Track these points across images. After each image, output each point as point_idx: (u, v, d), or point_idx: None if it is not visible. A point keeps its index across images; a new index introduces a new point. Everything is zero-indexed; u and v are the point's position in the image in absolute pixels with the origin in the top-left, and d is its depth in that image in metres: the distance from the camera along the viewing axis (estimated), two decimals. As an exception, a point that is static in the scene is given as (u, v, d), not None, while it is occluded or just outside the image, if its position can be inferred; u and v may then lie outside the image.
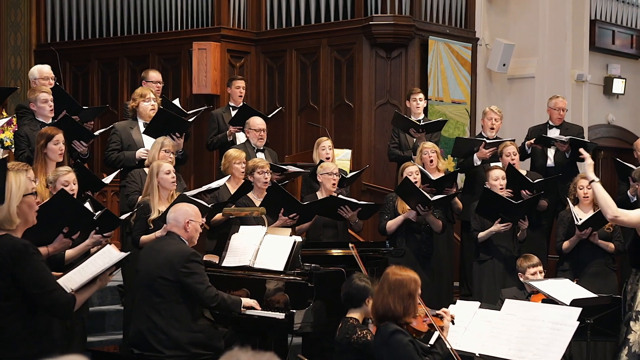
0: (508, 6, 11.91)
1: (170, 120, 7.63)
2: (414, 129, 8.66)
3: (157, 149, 7.11)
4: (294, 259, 6.25)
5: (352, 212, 7.48)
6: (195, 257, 5.73)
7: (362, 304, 5.42)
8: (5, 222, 3.98)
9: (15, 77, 12.20)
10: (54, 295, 4.03)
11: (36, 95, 7.35)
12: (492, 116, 8.74)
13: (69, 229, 5.29)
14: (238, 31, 11.19)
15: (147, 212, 6.57)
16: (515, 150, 8.21)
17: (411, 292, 4.91)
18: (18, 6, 12.43)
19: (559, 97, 9.17)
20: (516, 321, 5.33)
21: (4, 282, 3.94)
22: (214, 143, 8.94)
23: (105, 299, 8.07)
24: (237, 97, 9.16)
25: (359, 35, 10.58)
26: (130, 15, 11.79)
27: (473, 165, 8.53)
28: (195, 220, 5.86)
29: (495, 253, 7.66)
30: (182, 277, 5.63)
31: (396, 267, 5.11)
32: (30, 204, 4.11)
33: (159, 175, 6.66)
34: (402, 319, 4.90)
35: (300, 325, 6.01)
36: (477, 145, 8.49)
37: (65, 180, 5.97)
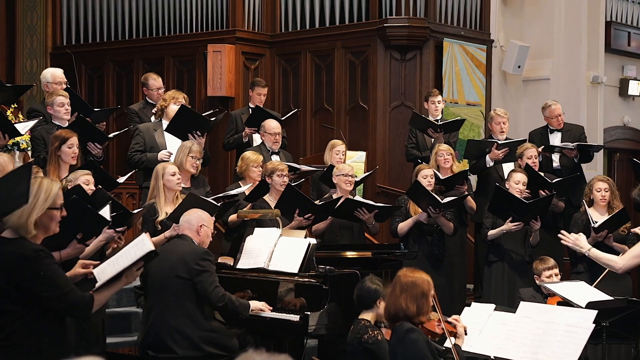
0: (523, 8, 11.88)
1: (192, 118, 7.65)
2: (431, 129, 8.65)
3: (185, 153, 7.12)
4: (308, 261, 6.25)
5: (368, 214, 7.48)
6: (208, 255, 5.78)
7: (374, 305, 5.44)
8: (20, 229, 3.96)
9: (31, 79, 12.25)
10: (69, 297, 4.03)
11: (53, 99, 7.39)
12: (499, 120, 8.71)
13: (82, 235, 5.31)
14: (253, 33, 11.21)
15: (154, 213, 6.61)
16: (536, 153, 8.18)
17: (424, 292, 4.92)
18: (34, 9, 12.49)
19: (552, 105, 9.05)
20: (531, 324, 5.31)
21: (16, 288, 3.94)
22: (230, 143, 8.99)
23: (121, 300, 8.08)
24: (257, 102, 9.16)
25: (373, 37, 10.57)
26: (146, 18, 11.82)
27: (485, 166, 8.52)
28: (207, 226, 5.91)
29: (505, 255, 7.64)
30: (195, 274, 5.66)
31: (407, 269, 5.11)
32: (52, 217, 4.08)
33: (164, 177, 6.69)
34: (416, 318, 4.90)
35: (314, 327, 6.01)
36: (489, 146, 8.47)
37: (86, 179, 5.99)
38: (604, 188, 7.43)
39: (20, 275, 3.92)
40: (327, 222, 7.59)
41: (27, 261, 3.92)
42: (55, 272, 4.01)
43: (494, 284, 7.62)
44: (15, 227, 3.95)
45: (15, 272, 3.92)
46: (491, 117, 8.86)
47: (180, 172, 7.00)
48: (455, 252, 8.06)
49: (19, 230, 3.96)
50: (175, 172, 6.72)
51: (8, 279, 3.94)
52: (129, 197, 9.86)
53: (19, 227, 3.95)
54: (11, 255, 3.93)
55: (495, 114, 8.81)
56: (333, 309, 6.08)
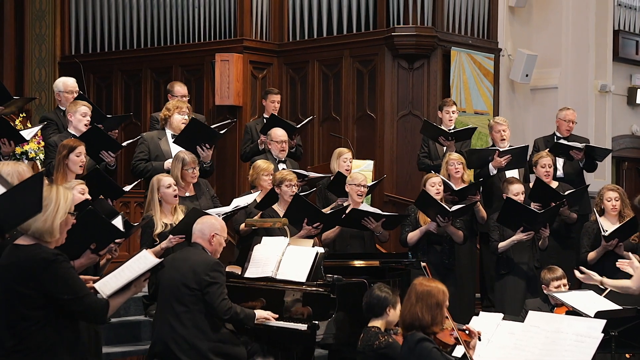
0: (531, 17, 11.88)
1: (200, 131, 7.67)
2: (443, 137, 8.63)
3: (178, 168, 7.12)
4: (316, 270, 6.25)
5: (376, 223, 7.47)
6: (219, 267, 5.77)
7: (383, 313, 5.43)
8: (46, 233, 4.01)
9: (40, 88, 12.30)
10: (86, 301, 4.07)
11: (77, 108, 7.39)
12: (499, 128, 8.66)
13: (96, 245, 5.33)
14: (260, 42, 11.23)
15: (152, 226, 6.61)
16: (550, 162, 8.15)
17: (439, 302, 4.91)
18: (43, 19, 12.53)
19: (570, 109, 9.11)
20: (540, 333, 5.29)
21: (33, 292, 3.98)
22: (246, 153, 9.04)
23: (129, 309, 8.08)
24: (272, 110, 9.19)
25: (381, 46, 10.58)
26: (154, 27, 11.86)
27: (489, 175, 8.48)
28: (220, 235, 5.89)
29: (514, 267, 7.63)
30: (204, 286, 5.65)
31: (423, 278, 5.11)
32: (68, 223, 4.16)
33: (160, 190, 6.70)
34: (430, 328, 4.89)
35: (322, 336, 6.00)
36: (491, 154, 8.44)
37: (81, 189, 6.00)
38: (614, 197, 7.42)
39: (40, 278, 3.97)
40: (336, 231, 7.59)
41: (47, 263, 3.97)
42: (73, 276, 4.07)
43: (507, 297, 7.59)
44: (40, 231, 4.00)
45: (36, 276, 3.97)
46: (490, 126, 8.81)
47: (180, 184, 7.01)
48: (465, 261, 8.04)
49: (44, 235, 4.01)
50: (170, 184, 6.73)
51: (28, 283, 3.98)
52: (137, 205, 9.87)
53: (44, 231, 4.00)
54: (31, 259, 3.98)
55: (494, 123, 8.78)
56: (341, 318, 6.07)
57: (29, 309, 3.99)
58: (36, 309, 4.00)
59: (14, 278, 4.00)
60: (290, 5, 11.21)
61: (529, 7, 11.75)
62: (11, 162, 5.73)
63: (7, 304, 4.02)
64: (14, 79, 12.23)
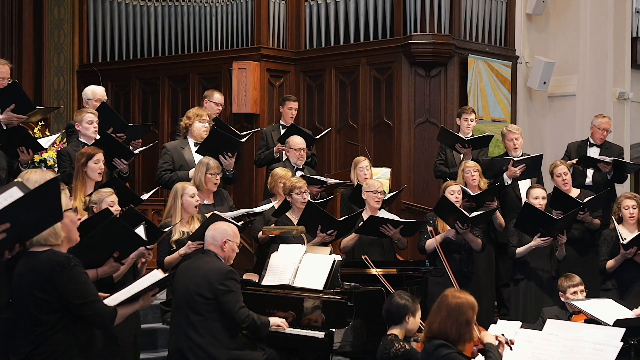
0: (548, 24, 11.85)
1: (223, 140, 7.70)
2: (459, 145, 8.61)
3: (202, 172, 7.15)
4: (333, 278, 6.24)
5: (394, 229, 7.47)
6: (233, 275, 5.75)
7: (403, 320, 5.41)
8: (50, 236, 4.06)
9: (58, 97, 12.37)
10: (95, 306, 4.12)
11: (82, 116, 7.45)
12: (512, 136, 8.63)
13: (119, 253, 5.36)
14: (277, 50, 11.25)
15: (169, 233, 6.61)
16: (566, 170, 8.12)
17: (468, 320, 4.81)
18: (61, 27, 12.61)
19: (605, 117, 9.05)
20: (558, 341, 5.26)
21: (48, 296, 4.03)
22: (261, 159, 9.05)
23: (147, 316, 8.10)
24: (289, 117, 9.22)
25: (398, 54, 10.58)
26: (171, 36, 11.91)
27: (504, 184, 8.44)
28: (232, 240, 5.88)
29: (531, 273, 7.60)
30: (219, 295, 5.65)
31: (455, 290, 5.05)
32: (72, 220, 4.21)
33: (182, 198, 6.71)
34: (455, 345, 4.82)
35: (339, 344, 6.00)
36: (506, 164, 8.40)
37: (111, 201, 6.04)
38: (632, 205, 7.39)
39: (54, 281, 4.02)
40: (355, 238, 7.59)
41: (60, 266, 4.03)
42: (84, 280, 4.12)
43: (522, 302, 7.57)
44: (44, 237, 4.03)
45: (50, 279, 4.02)
46: (503, 134, 8.75)
47: (201, 190, 7.03)
48: (483, 269, 8.01)
49: (49, 239, 4.06)
50: (194, 194, 6.74)
51: (43, 287, 4.03)
52: (155, 213, 9.90)
53: (49, 235, 4.04)
54: (45, 263, 4.03)
55: (507, 131, 8.73)
56: (358, 326, 6.07)
57: (44, 313, 4.04)
58: (51, 313, 4.05)
59: (30, 283, 4.05)
60: (307, 13, 11.24)
61: (546, 14, 11.72)
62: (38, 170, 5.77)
63: (24, 310, 4.08)
64: (33, 87, 12.31)
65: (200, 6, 11.68)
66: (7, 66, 7.66)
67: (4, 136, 6.91)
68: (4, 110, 7.24)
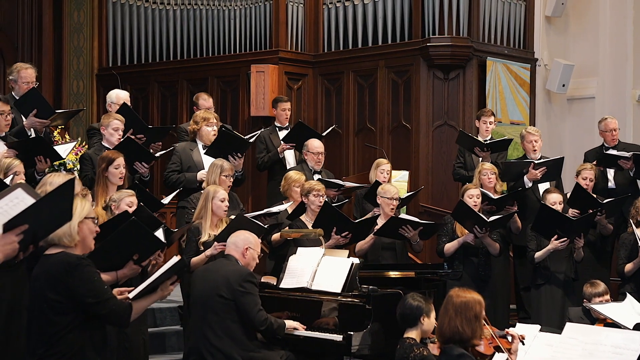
0: (567, 26, 11.80)
1: (231, 141, 7.72)
2: (478, 148, 8.59)
3: (216, 173, 7.16)
4: (351, 281, 6.24)
5: (413, 231, 7.46)
6: (252, 277, 5.78)
7: (418, 322, 5.39)
8: (64, 237, 4.08)
9: (78, 100, 12.44)
10: (109, 304, 4.12)
11: (109, 121, 7.44)
12: (531, 138, 8.57)
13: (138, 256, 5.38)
14: (296, 54, 11.27)
15: (197, 234, 6.63)
16: (592, 175, 8.07)
17: (477, 314, 4.87)
18: (81, 31, 12.69)
19: (608, 118, 8.97)
20: (577, 345, 5.23)
21: (60, 297, 4.05)
22: (264, 162, 9.03)
23: (165, 319, 8.13)
24: (283, 118, 9.26)
25: (416, 57, 10.57)
26: (190, 39, 11.96)
27: (524, 187, 8.40)
28: (254, 249, 5.90)
29: (552, 277, 7.57)
30: (238, 296, 5.67)
31: (459, 289, 5.06)
32: (90, 228, 4.23)
33: (213, 201, 6.72)
34: (470, 341, 4.85)
35: (358, 347, 5.99)
36: (526, 167, 8.36)
37: (130, 201, 6.06)
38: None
39: (66, 281, 4.04)
40: (370, 242, 7.58)
41: (72, 267, 4.04)
42: (97, 280, 4.13)
43: (544, 307, 7.53)
44: (59, 236, 4.06)
45: (62, 280, 4.04)
46: (522, 136, 8.70)
47: None
48: (500, 273, 7.98)
49: (62, 239, 4.09)
50: (225, 198, 6.74)
51: (56, 288, 4.05)
52: (173, 216, 9.93)
53: (63, 235, 4.07)
54: (57, 264, 4.05)
55: (526, 133, 8.67)
56: (376, 329, 6.06)
57: (57, 314, 4.06)
58: (64, 314, 4.06)
59: (43, 285, 4.08)
60: (325, 16, 11.25)
61: (565, 16, 11.68)
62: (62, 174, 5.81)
63: (38, 311, 4.10)
64: (53, 91, 12.38)
65: (218, 9, 11.72)
66: (31, 70, 7.68)
67: (22, 145, 6.94)
68: (27, 116, 7.28)
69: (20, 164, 6.24)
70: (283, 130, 9.09)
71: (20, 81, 7.56)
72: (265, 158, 9.01)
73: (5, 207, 3.47)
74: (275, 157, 8.87)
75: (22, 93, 7.46)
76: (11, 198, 3.49)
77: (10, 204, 3.48)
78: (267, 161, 8.98)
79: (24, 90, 7.49)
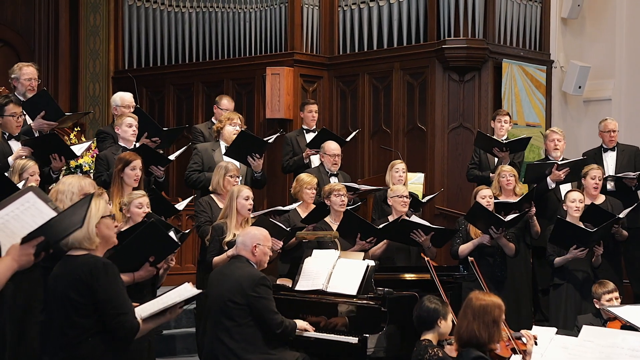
0: (583, 28, 11.75)
1: (250, 142, 7.74)
2: (497, 148, 8.56)
3: (221, 174, 7.18)
4: (367, 283, 6.23)
5: (425, 236, 7.43)
6: (265, 281, 5.75)
7: (435, 325, 5.39)
8: (84, 240, 4.11)
9: (94, 103, 12.50)
10: (121, 319, 4.11)
11: (123, 120, 7.49)
12: (554, 137, 8.57)
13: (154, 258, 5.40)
14: (311, 56, 11.28)
15: (222, 234, 6.64)
16: (600, 174, 8.05)
17: (495, 319, 4.85)
18: (97, 34, 12.74)
19: (608, 119, 9.02)
20: (594, 348, 5.21)
21: (85, 300, 4.07)
22: (289, 165, 9.05)
23: (180, 321, 8.14)
24: (310, 120, 9.27)
25: (431, 59, 10.56)
26: (205, 42, 11.99)
27: (547, 188, 8.37)
28: (263, 244, 5.87)
29: (570, 277, 7.53)
30: (252, 301, 5.66)
31: (479, 292, 5.06)
32: (108, 225, 4.26)
33: (237, 199, 6.72)
34: (487, 345, 4.84)
35: (373, 349, 5.97)
36: (549, 168, 8.34)
37: (139, 203, 6.08)
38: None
39: (92, 286, 4.06)
40: (383, 247, 7.56)
41: (97, 271, 4.06)
42: (119, 290, 4.14)
43: (563, 306, 7.50)
44: (79, 240, 4.09)
45: (87, 283, 4.06)
46: (545, 135, 8.74)
47: (220, 194, 7.07)
48: (520, 275, 7.94)
49: (83, 243, 4.11)
50: (249, 196, 6.75)
51: (80, 290, 4.07)
52: (189, 218, 9.95)
53: (83, 239, 4.09)
54: (83, 266, 4.07)
55: (550, 131, 8.70)
56: (392, 332, 6.05)
57: (80, 316, 4.07)
58: (86, 316, 4.08)
59: (67, 286, 4.09)
60: (340, 18, 11.26)
61: (581, 18, 11.64)
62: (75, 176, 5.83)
63: (60, 312, 4.11)
64: (69, 93, 12.45)
65: (234, 12, 11.74)
66: (31, 67, 7.74)
67: (37, 143, 6.98)
68: (35, 118, 7.32)
69: (35, 165, 6.27)
70: (310, 133, 9.10)
71: (22, 78, 7.61)
72: (290, 162, 9.03)
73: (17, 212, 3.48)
74: (300, 161, 8.89)
75: (24, 91, 7.52)
76: (22, 202, 3.50)
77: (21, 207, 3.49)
78: (293, 165, 9.01)
79: (26, 87, 7.55)
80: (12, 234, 3.45)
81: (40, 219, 3.48)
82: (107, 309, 4.08)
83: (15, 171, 6.18)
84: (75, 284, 4.07)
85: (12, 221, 3.46)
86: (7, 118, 6.95)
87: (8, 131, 6.98)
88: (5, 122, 6.97)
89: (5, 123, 6.97)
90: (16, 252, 3.38)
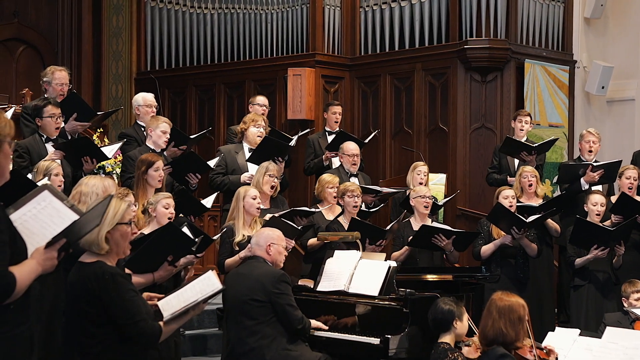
0: (607, 28, 11.68)
1: (273, 146, 7.74)
2: (525, 152, 8.46)
3: (261, 173, 7.23)
4: (388, 284, 6.22)
5: (446, 240, 7.39)
6: (285, 278, 5.79)
7: (451, 327, 5.39)
8: (93, 245, 4.02)
9: (117, 104, 12.55)
10: (140, 326, 4.05)
11: (158, 124, 7.44)
12: (589, 138, 8.51)
13: (173, 257, 5.42)
14: (332, 57, 11.28)
15: (231, 235, 6.66)
16: (636, 175, 7.97)
17: (521, 317, 4.89)
18: (119, 36, 12.80)
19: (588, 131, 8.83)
20: (618, 349, 5.18)
21: (96, 309, 4.01)
22: (310, 168, 9.07)
23: (203, 322, 8.15)
24: (333, 122, 9.27)
25: (453, 59, 10.52)
26: (227, 43, 12.01)
27: (581, 189, 8.27)
28: (277, 243, 5.89)
29: (592, 278, 7.50)
30: (274, 298, 5.68)
31: (502, 293, 5.07)
32: (123, 234, 4.11)
33: (245, 199, 6.74)
34: (514, 344, 4.85)
35: (395, 350, 5.96)
36: (583, 169, 8.25)
37: (166, 203, 6.10)
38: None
39: (101, 297, 4.00)
40: (405, 253, 7.53)
41: (105, 282, 3.99)
42: (130, 298, 4.05)
43: (584, 308, 7.47)
44: (88, 244, 4.01)
45: (96, 294, 4.00)
46: (582, 135, 8.65)
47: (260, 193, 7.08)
48: (542, 276, 7.91)
49: (91, 247, 4.03)
50: (256, 196, 6.77)
51: (91, 301, 4.02)
52: (210, 219, 9.98)
53: (91, 244, 4.01)
54: (92, 276, 4.01)
55: (586, 132, 8.61)
56: (414, 333, 6.03)
57: (94, 326, 4.02)
58: (100, 326, 4.02)
59: (80, 295, 4.04)
60: (362, 19, 11.25)
61: (604, 18, 11.56)
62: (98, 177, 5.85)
63: (77, 321, 4.07)
64: (92, 95, 12.52)
65: (255, 13, 11.76)
66: (64, 71, 7.75)
67: (69, 146, 7.01)
68: (68, 120, 7.35)
69: (58, 166, 6.30)
70: (332, 135, 9.10)
71: (54, 82, 7.62)
72: (311, 164, 9.05)
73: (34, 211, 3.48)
74: (320, 163, 8.90)
75: (55, 95, 7.52)
76: (38, 201, 3.50)
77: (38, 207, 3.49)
78: (313, 167, 9.02)
79: (57, 92, 7.56)
80: (31, 233, 3.45)
81: (58, 218, 3.48)
82: (123, 320, 4.01)
83: (40, 172, 6.21)
84: (86, 296, 4.01)
85: (31, 221, 3.47)
86: (47, 119, 6.97)
87: (47, 133, 6.99)
88: (45, 123, 6.99)
89: (44, 125, 6.99)
90: (41, 256, 3.38)
